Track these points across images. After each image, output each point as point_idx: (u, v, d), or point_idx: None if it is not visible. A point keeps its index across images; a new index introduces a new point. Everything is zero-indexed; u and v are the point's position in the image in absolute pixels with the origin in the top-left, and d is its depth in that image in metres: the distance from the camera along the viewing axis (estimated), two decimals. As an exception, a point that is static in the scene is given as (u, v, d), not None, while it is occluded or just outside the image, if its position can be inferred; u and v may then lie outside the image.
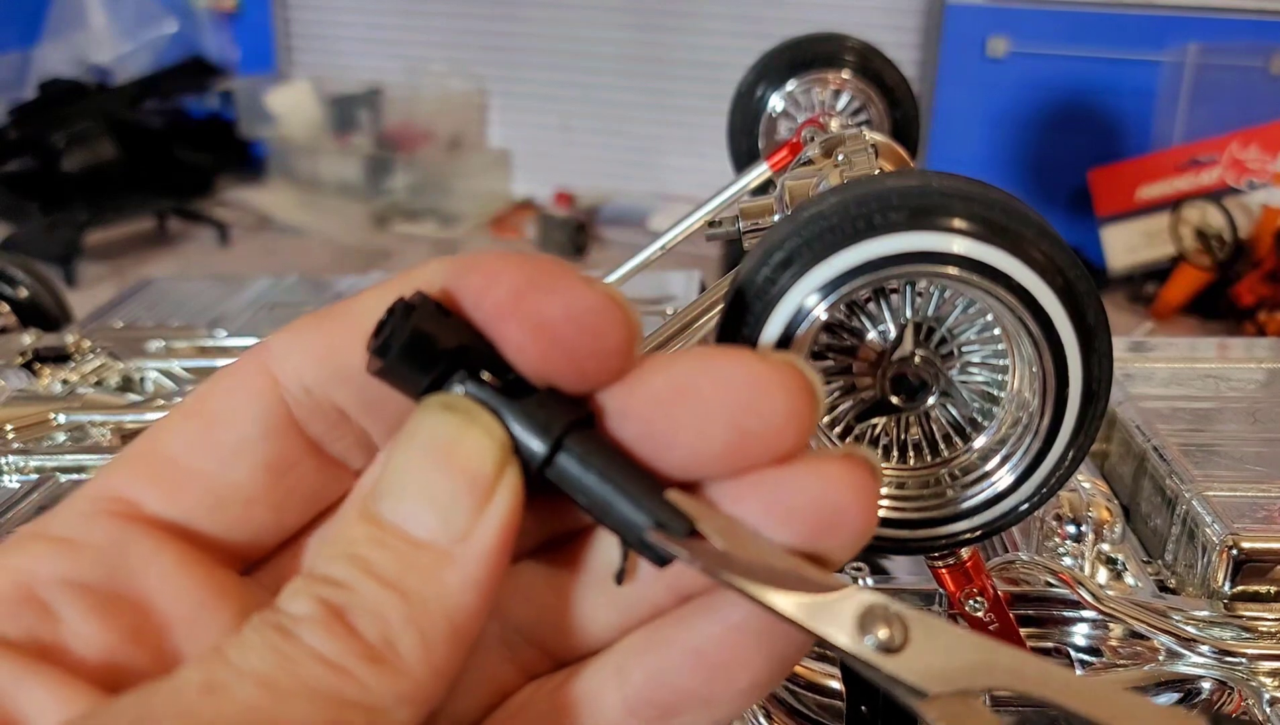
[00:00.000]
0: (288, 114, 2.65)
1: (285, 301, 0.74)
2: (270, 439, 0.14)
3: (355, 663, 0.12)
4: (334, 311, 0.15)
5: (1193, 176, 2.22)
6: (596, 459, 0.14)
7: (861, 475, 0.13)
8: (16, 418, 0.54)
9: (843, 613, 0.13)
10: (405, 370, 0.13)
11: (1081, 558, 0.41)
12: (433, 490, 0.13)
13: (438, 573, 0.13)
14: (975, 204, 0.20)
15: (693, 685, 0.14)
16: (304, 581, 0.13)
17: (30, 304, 0.81)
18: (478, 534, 0.13)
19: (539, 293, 0.13)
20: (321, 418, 0.15)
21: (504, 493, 0.13)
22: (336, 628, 0.12)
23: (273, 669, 0.12)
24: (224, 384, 0.15)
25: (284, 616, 0.13)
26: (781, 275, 0.21)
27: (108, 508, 0.14)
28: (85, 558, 0.14)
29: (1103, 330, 0.22)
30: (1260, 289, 2.03)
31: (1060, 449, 0.22)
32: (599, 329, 0.13)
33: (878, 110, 0.50)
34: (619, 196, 2.67)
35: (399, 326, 0.13)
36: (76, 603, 0.13)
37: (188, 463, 0.14)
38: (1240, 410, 0.49)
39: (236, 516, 0.15)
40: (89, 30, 2.70)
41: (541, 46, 2.68)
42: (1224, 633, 0.37)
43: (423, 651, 0.13)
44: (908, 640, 0.13)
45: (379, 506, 0.13)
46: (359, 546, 0.13)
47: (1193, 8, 2.19)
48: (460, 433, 0.13)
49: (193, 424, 0.15)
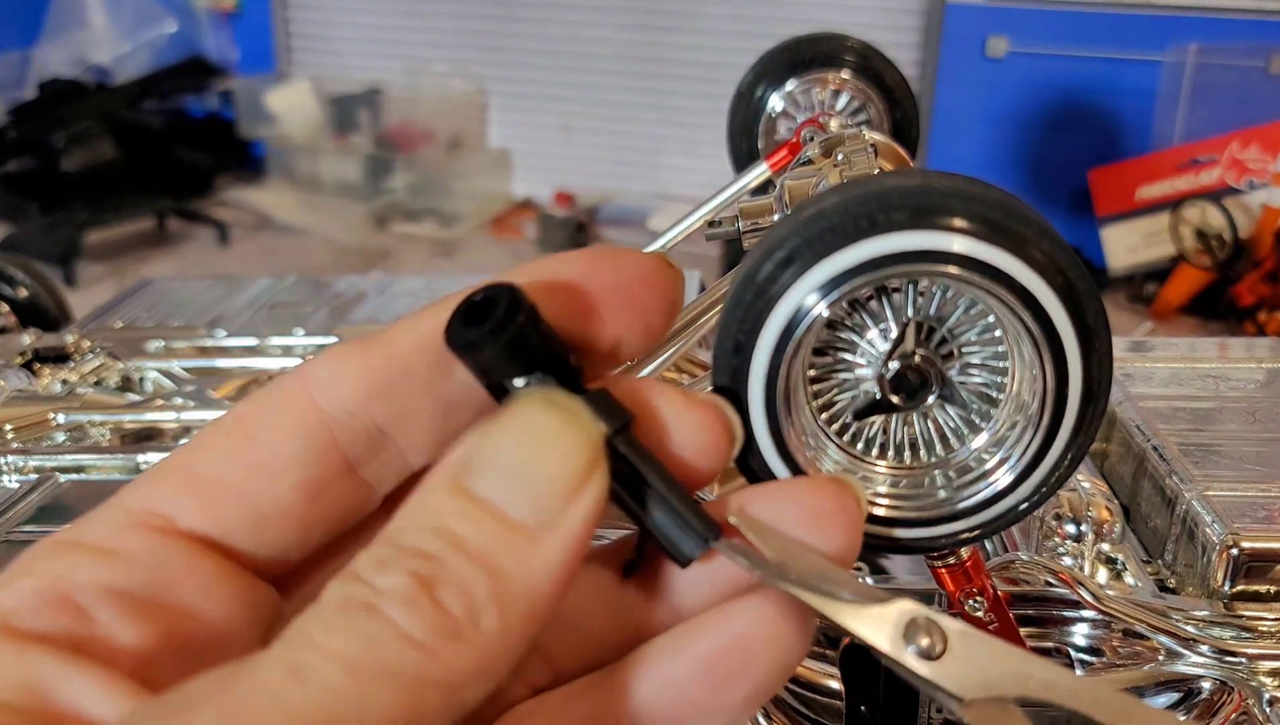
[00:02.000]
0: (287, 114, 2.65)
1: (285, 302, 0.74)
2: (309, 459, 0.15)
3: (439, 640, 0.12)
4: (374, 336, 0.15)
5: (1193, 176, 2.22)
6: (640, 459, 0.15)
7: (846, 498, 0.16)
8: (16, 418, 0.54)
9: (888, 621, 0.14)
10: (500, 360, 0.14)
11: (1081, 557, 0.41)
12: (529, 475, 0.14)
13: (525, 554, 0.13)
14: (976, 203, 0.20)
15: (701, 695, 0.15)
16: (391, 552, 0.13)
17: (30, 304, 0.81)
18: (565, 523, 0.14)
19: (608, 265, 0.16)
20: (362, 438, 0.15)
21: (593, 488, 0.14)
22: (423, 602, 0.12)
23: (357, 649, 0.12)
24: (264, 404, 0.15)
25: (370, 591, 0.13)
26: (782, 274, 0.21)
27: (144, 520, 0.14)
28: (122, 566, 0.14)
29: (1103, 330, 0.22)
30: (1260, 289, 2.03)
31: (1060, 448, 0.22)
32: (660, 283, 0.16)
33: (877, 110, 0.50)
34: (619, 196, 2.67)
35: (507, 317, 0.14)
36: (113, 608, 0.13)
37: (227, 479, 0.15)
38: (1240, 410, 0.49)
39: (271, 532, 0.15)
40: (89, 30, 2.70)
41: (541, 47, 2.68)
42: (1224, 632, 0.37)
43: (502, 628, 0.13)
44: (946, 649, 0.14)
45: (472, 482, 0.14)
46: (449, 519, 0.13)
47: (1193, 8, 2.19)
48: (563, 427, 0.14)
49: (233, 442, 0.15)
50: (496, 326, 0.14)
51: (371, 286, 0.77)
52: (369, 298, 0.74)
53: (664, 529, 0.15)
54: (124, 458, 0.50)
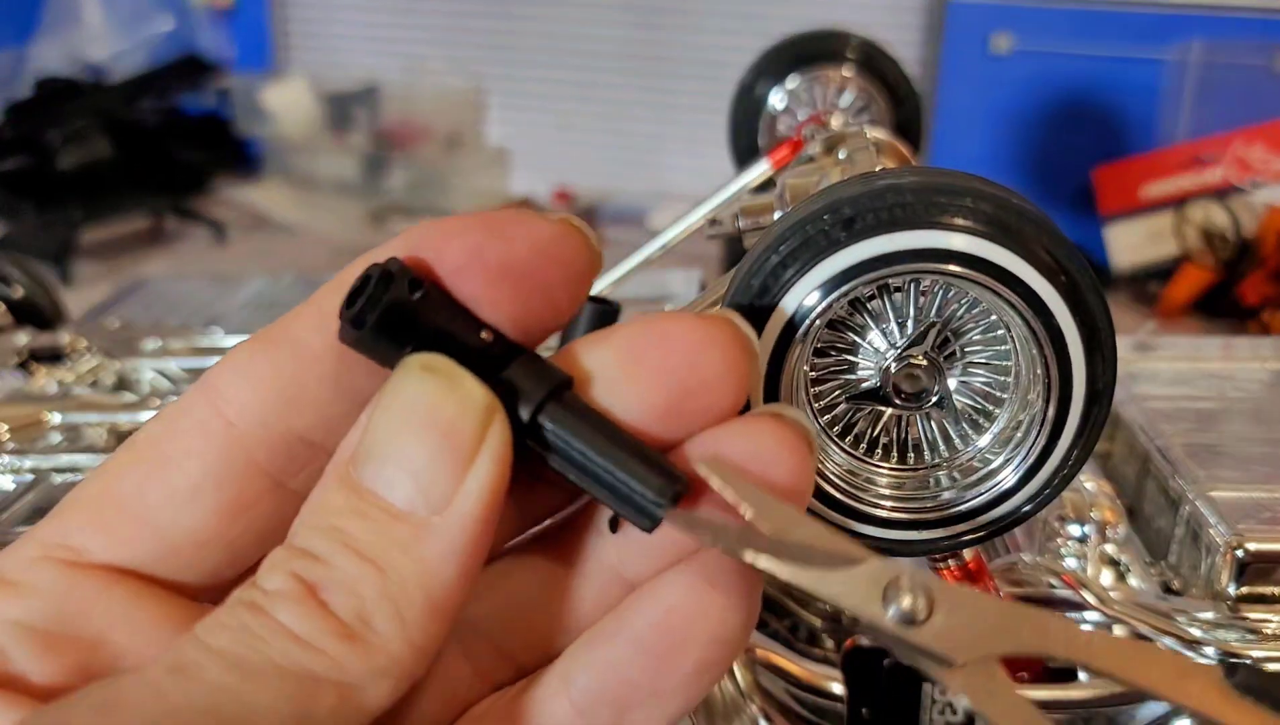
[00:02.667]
0: (284, 112, 2.64)
1: (282, 300, 0.74)
2: (226, 482, 0.14)
3: (327, 640, 0.12)
4: (274, 334, 0.14)
5: (1197, 175, 2.22)
6: (583, 423, 0.13)
7: (789, 430, 0.14)
8: (11, 418, 0.53)
9: (868, 584, 0.13)
10: (382, 341, 0.13)
11: (1085, 559, 0.41)
12: (411, 457, 0.13)
13: (416, 545, 0.12)
14: (978, 201, 0.20)
15: (639, 677, 0.14)
16: (284, 555, 0.13)
17: (25, 303, 0.81)
18: (458, 503, 0.13)
19: (497, 240, 0.13)
20: (283, 450, 0.14)
21: (486, 459, 0.13)
22: (309, 604, 0.12)
23: (242, 647, 0.12)
24: (175, 424, 0.14)
25: (258, 593, 0.12)
26: (784, 272, 0.20)
27: (53, 553, 0.14)
28: (31, 601, 0.13)
29: (1107, 330, 0.21)
30: (1265, 288, 2.03)
31: (1064, 449, 0.22)
32: (564, 256, 0.14)
33: (880, 107, 0.50)
34: (618, 195, 2.67)
35: (375, 295, 0.13)
36: (23, 643, 0.13)
37: (138, 508, 0.14)
38: (1245, 410, 0.48)
39: (189, 559, 0.14)
40: (84, 28, 2.69)
41: (540, 44, 2.68)
42: (1229, 635, 0.37)
43: (398, 627, 0.12)
44: (933, 609, 0.12)
45: (359, 472, 0.13)
46: (337, 517, 0.13)
47: (1197, 6, 2.19)
48: (441, 395, 0.13)
49: (143, 468, 0.14)
50: (369, 304, 0.13)
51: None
52: (367, 296, 0.74)
53: (621, 495, 0.13)
54: (119, 458, 0.50)
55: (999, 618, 0.12)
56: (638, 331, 0.14)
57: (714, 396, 0.14)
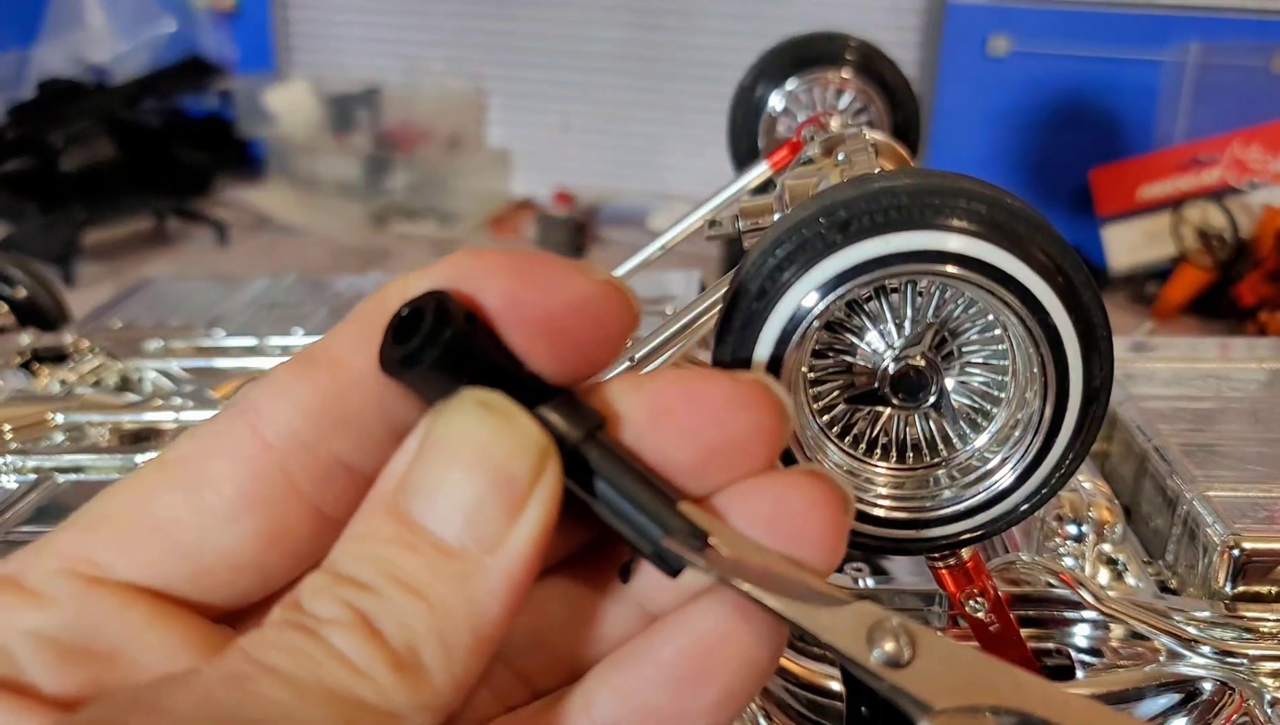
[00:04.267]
0: (286, 113, 2.64)
1: (284, 301, 0.74)
2: (263, 507, 0.14)
3: (379, 669, 0.12)
4: (315, 356, 0.14)
5: (1194, 176, 2.22)
6: (614, 466, 0.13)
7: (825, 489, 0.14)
8: (14, 418, 0.54)
9: (853, 625, 0.13)
10: (433, 376, 0.13)
11: (1082, 558, 0.41)
12: (466, 495, 0.13)
13: (466, 583, 0.13)
14: (975, 203, 0.20)
15: (661, 702, 0.14)
16: (329, 581, 0.13)
17: (28, 304, 0.81)
18: (509, 545, 0.13)
19: (538, 289, 0.13)
20: (322, 473, 0.14)
21: (538, 502, 0.13)
22: (364, 632, 0.12)
23: (296, 667, 0.12)
24: (211, 444, 0.14)
25: (308, 617, 0.12)
26: (781, 274, 0.20)
27: (75, 567, 0.14)
28: (50, 612, 0.13)
29: (1104, 330, 0.21)
30: (1262, 289, 2.03)
31: (1061, 449, 0.22)
32: (603, 316, 0.14)
33: (878, 109, 0.50)
34: (619, 196, 2.67)
35: (432, 332, 0.13)
36: (39, 653, 0.13)
37: (170, 530, 0.14)
38: (1242, 410, 0.49)
39: (219, 582, 0.14)
40: (87, 29, 2.70)
41: (541, 45, 2.68)
42: (1225, 633, 0.37)
43: (444, 661, 0.12)
44: (915, 654, 0.13)
45: (408, 503, 0.13)
46: (386, 547, 0.13)
47: (1194, 7, 2.19)
48: (497, 434, 0.13)
49: (177, 487, 0.14)
50: (425, 341, 0.13)
51: (371, 286, 0.76)
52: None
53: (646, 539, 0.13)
54: (123, 458, 0.50)
55: (979, 670, 0.13)
56: (672, 386, 0.14)
57: (743, 458, 0.14)
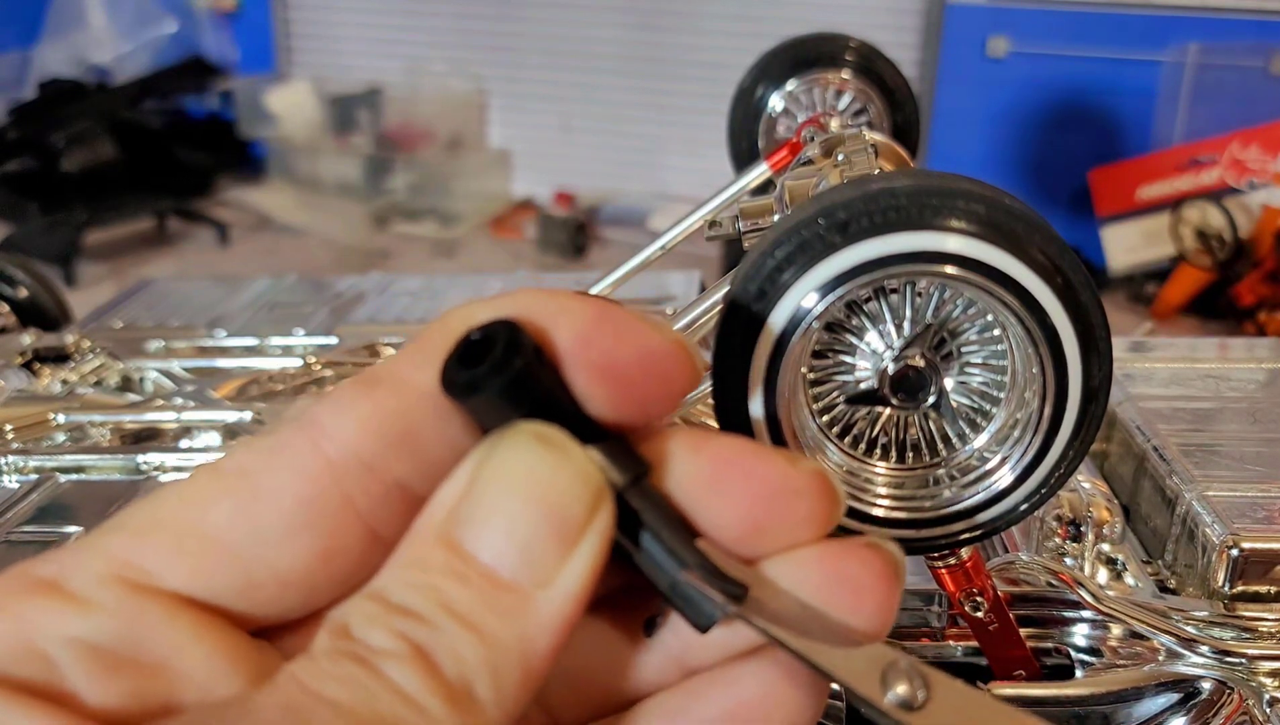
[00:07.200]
0: (287, 114, 2.65)
1: (285, 302, 0.74)
2: (320, 524, 0.13)
3: (434, 702, 0.12)
4: (379, 376, 0.14)
5: (1193, 176, 2.22)
6: (657, 515, 0.14)
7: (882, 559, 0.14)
8: (16, 418, 0.54)
9: (867, 666, 0.13)
10: (496, 404, 0.13)
11: (1081, 558, 0.41)
12: (520, 528, 0.13)
13: (518, 617, 0.13)
14: (974, 203, 0.20)
15: None
16: (381, 610, 0.13)
17: (30, 304, 0.81)
18: (561, 581, 0.13)
19: (608, 337, 0.14)
20: (381, 494, 0.14)
21: (592, 538, 0.13)
22: (420, 665, 0.12)
23: (352, 699, 0.12)
24: (270, 458, 0.14)
25: (363, 647, 0.12)
26: (781, 275, 0.21)
27: (123, 574, 0.13)
28: (96, 620, 0.13)
29: (1102, 330, 0.21)
30: (1260, 289, 2.03)
31: (1060, 449, 0.22)
32: (668, 372, 0.14)
33: (878, 110, 0.50)
34: (619, 196, 2.67)
35: (502, 360, 0.13)
36: (83, 661, 0.13)
37: (225, 542, 0.13)
38: (1240, 410, 0.49)
39: (269, 597, 0.14)
40: (88, 30, 2.70)
41: (541, 46, 2.68)
42: (1224, 633, 0.37)
43: (496, 695, 0.12)
44: (929, 699, 0.13)
45: (460, 533, 0.13)
46: (438, 577, 0.13)
47: (1193, 7, 2.19)
48: (554, 469, 0.13)
49: (234, 499, 0.14)
50: (494, 368, 0.13)
51: (371, 286, 0.77)
52: (369, 298, 0.74)
53: (682, 591, 0.13)
54: (124, 458, 0.50)
55: (991, 716, 0.13)
56: (730, 456, 0.14)
57: (788, 538, 0.14)
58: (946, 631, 0.38)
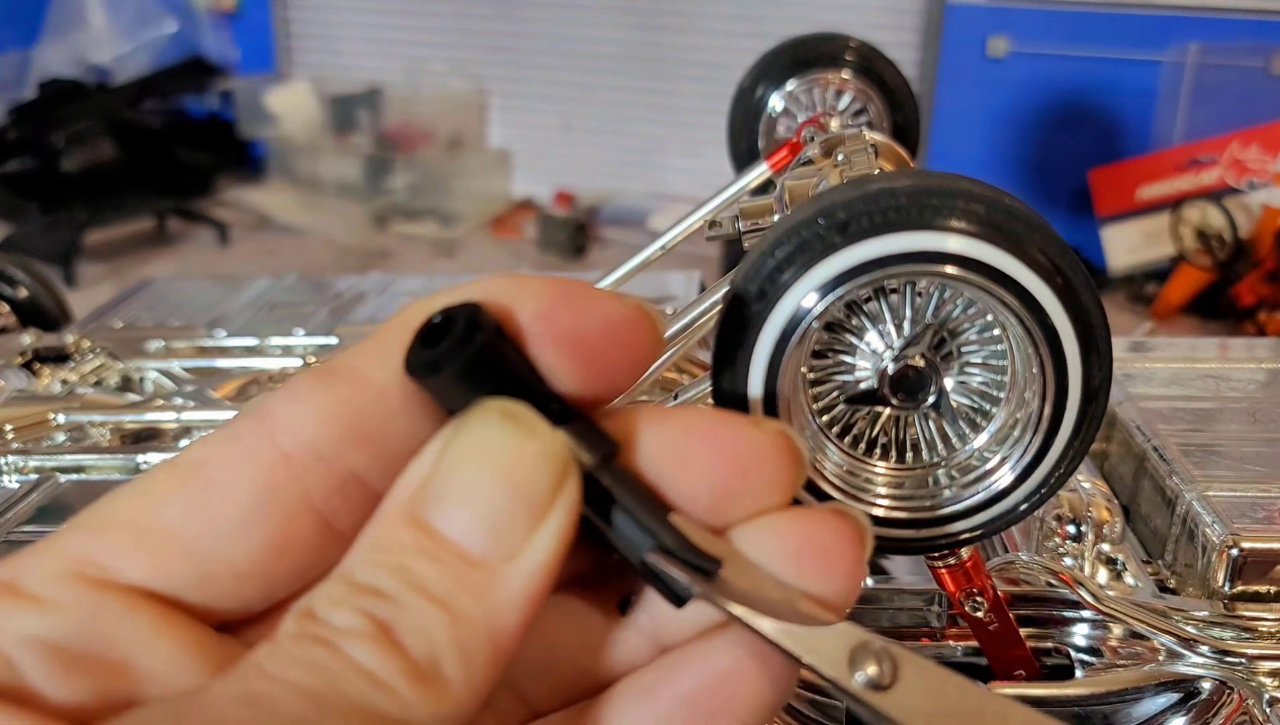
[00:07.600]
0: (287, 114, 2.65)
1: (285, 302, 0.74)
2: (275, 516, 0.13)
3: (401, 680, 0.12)
4: (336, 367, 0.14)
5: (1193, 176, 2.22)
6: (627, 491, 0.14)
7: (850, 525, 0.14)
8: (16, 418, 0.54)
9: (835, 647, 0.13)
10: (459, 384, 0.13)
11: (1081, 558, 0.41)
12: (488, 504, 0.13)
13: (486, 591, 0.13)
14: (974, 203, 0.20)
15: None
16: (346, 590, 0.13)
17: (30, 304, 0.81)
18: (528, 554, 0.13)
19: (570, 310, 0.14)
20: (337, 487, 0.14)
21: (560, 511, 0.13)
22: (384, 643, 0.12)
23: (317, 682, 0.12)
24: (225, 450, 0.14)
25: (325, 628, 0.12)
26: (781, 275, 0.21)
27: (81, 571, 0.13)
28: (55, 618, 0.13)
29: (1103, 330, 0.21)
30: (1261, 289, 2.03)
31: (1060, 448, 0.22)
32: (631, 339, 0.14)
33: (878, 110, 0.50)
34: (619, 196, 2.67)
35: (463, 337, 0.13)
36: (43, 660, 0.13)
37: (180, 535, 0.13)
38: (1240, 410, 0.49)
39: (225, 589, 0.14)
40: (88, 30, 2.70)
41: (542, 46, 2.68)
42: (1224, 633, 0.37)
43: (465, 672, 0.12)
44: (897, 678, 0.13)
45: (428, 511, 0.13)
46: (405, 555, 0.13)
47: (1193, 8, 2.19)
48: (520, 444, 0.13)
49: (189, 492, 0.13)
50: (456, 345, 0.13)
51: (371, 286, 0.77)
52: (369, 298, 0.74)
53: (656, 568, 0.13)
54: (124, 458, 0.50)
55: (962, 697, 0.13)
56: (695, 425, 0.14)
57: (757, 503, 0.14)
58: (946, 631, 0.38)
